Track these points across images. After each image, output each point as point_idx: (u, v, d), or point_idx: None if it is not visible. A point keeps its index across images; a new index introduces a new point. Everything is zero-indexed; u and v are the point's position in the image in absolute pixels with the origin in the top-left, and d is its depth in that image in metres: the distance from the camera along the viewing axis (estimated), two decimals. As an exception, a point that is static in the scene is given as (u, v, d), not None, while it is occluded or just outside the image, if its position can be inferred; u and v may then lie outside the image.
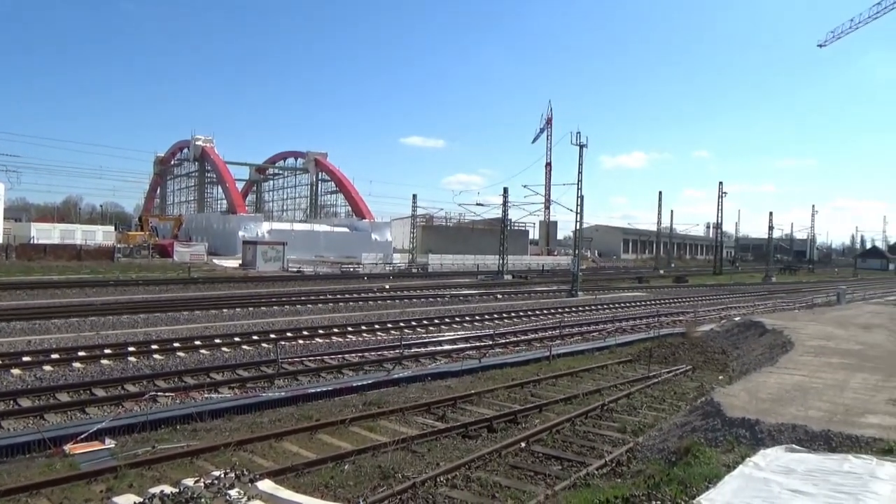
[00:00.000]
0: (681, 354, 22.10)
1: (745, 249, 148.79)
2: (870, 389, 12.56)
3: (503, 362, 20.14)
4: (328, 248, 73.68)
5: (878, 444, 8.79)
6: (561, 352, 22.06)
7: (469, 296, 41.38)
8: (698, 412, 11.61)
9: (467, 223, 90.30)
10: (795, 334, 20.51)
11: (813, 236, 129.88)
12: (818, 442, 9.13)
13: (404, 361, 19.64)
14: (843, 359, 16.25)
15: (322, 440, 12.13)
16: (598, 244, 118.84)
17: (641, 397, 16.01)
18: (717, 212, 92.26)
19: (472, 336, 24.92)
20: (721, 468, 8.25)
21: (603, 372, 19.35)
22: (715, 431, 10.32)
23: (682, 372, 19.16)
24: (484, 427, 13.26)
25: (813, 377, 13.73)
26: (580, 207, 48.95)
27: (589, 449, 11.93)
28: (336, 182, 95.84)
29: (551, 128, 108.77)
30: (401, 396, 15.66)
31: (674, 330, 27.88)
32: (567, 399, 15.52)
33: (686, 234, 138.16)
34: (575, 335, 26.26)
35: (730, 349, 22.72)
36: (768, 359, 17.31)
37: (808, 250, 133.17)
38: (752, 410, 10.61)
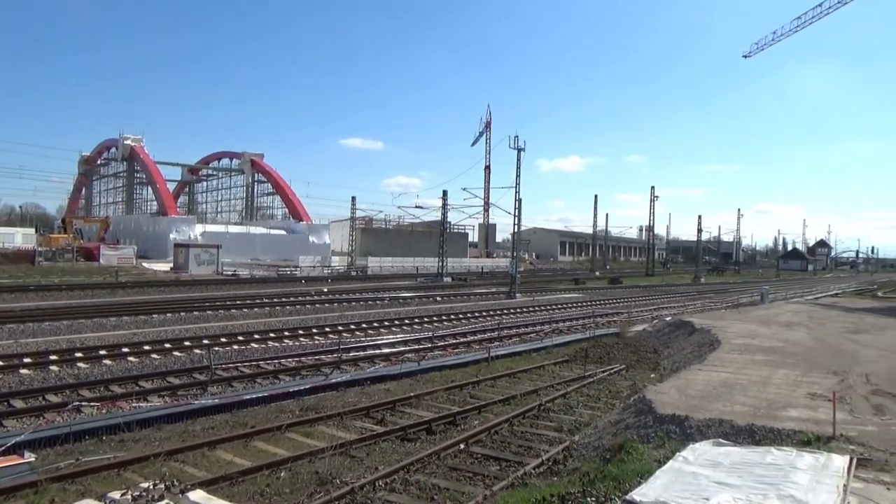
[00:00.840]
0: (615, 354, 22.66)
1: (676, 251, 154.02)
2: (790, 384, 13.19)
3: (442, 364, 20.17)
4: (264, 250, 72.23)
5: (798, 436, 9.25)
6: (500, 353, 22.27)
7: (409, 298, 41.30)
8: (631, 410, 11.94)
9: (407, 226, 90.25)
10: (722, 333, 21.35)
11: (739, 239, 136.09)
12: (743, 435, 9.53)
13: (343, 365, 19.41)
14: (767, 356, 17.01)
15: (257, 447, 11.85)
16: (536, 246, 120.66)
17: (577, 396, 16.32)
18: (650, 215, 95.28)
19: (412, 339, 24.87)
20: (653, 463, 8.49)
21: (540, 372, 19.63)
22: (647, 428, 10.63)
23: (617, 371, 19.63)
24: (423, 429, 13.24)
25: (738, 374, 14.32)
26: (518, 210, 49.67)
27: (527, 448, 12.07)
28: (273, 183, 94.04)
29: (490, 131, 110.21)
30: (339, 401, 15.47)
31: (608, 330, 28.57)
32: (505, 400, 15.67)
33: (620, 237, 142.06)
34: (513, 336, 26.56)
35: (661, 348, 23.44)
36: (697, 357, 17.95)
37: (734, 252, 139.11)
38: (682, 407, 10.98)
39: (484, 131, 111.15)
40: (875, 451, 8.46)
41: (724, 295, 54.75)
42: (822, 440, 8.98)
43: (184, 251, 58.18)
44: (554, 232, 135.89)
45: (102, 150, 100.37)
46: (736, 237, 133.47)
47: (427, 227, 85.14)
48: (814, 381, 13.39)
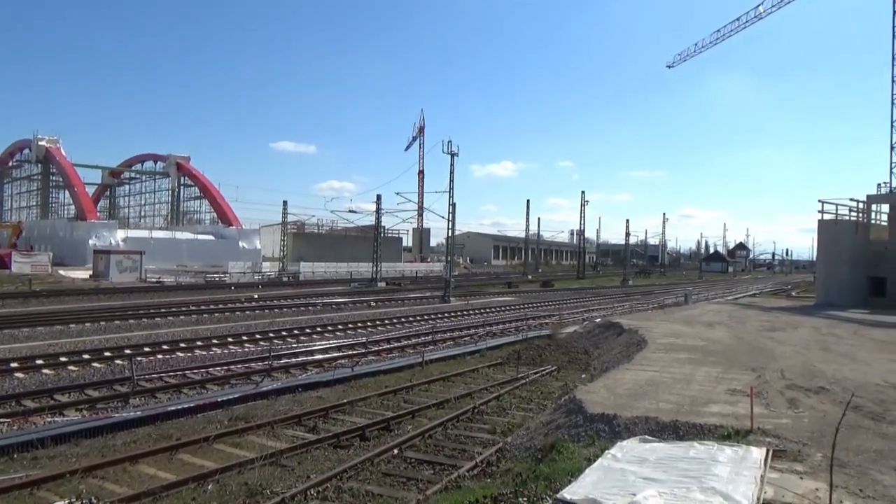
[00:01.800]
0: (547, 355, 23.04)
1: (605, 255, 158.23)
2: (712, 381, 13.72)
3: (376, 370, 20.01)
4: (192, 256, 69.91)
5: (719, 430, 9.62)
6: (434, 357, 22.27)
7: (342, 304, 40.83)
8: (562, 410, 12.15)
9: (340, 230, 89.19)
10: (649, 333, 22.03)
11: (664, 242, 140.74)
12: (668, 431, 9.84)
13: (274, 373, 18.98)
14: (690, 354, 17.66)
15: (183, 460, 11.43)
16: (470, 251, 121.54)
17: (510, 398, 16.49)
18: (580, 219, 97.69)
19: (345, 344, 24.58)
20: (583, 462, 8.65)
21: (474, 375, 19.75)
22: (578, 427, 10.84)
23: (549, 372, 19.97)
24: (356, 436, 13.10)
25: (664, 372, 14.80)
26: (452, 215, 49.96)
27: (460, 451, 12.11)
28: (200, 187, 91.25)
29: (424, 136, 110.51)
30: (270, 409, 15.11)
31: (541, 332, 29.03)
32: (439, 404, 15.69)
33: (552, 241, 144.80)
34: (448, 340, 26.63)
35: (591, 349, 23.99)
36: (625, 357, 18.45)
37: (660, 255, 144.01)
38: (611, 406, 11.25)
39: (417, 136, 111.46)
40: (789, 443, 8.89)
41: (650, 296, 56.59)
42: (742, 434, 9.37)
43: (104, 258, 55.66)
44: (487, 236, 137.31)
45: (14, 152, 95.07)
46: (662, 241, 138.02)
47: (361, 232, 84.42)
48: (734, 378, 13.98)
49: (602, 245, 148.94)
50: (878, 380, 14.10)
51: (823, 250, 39.48)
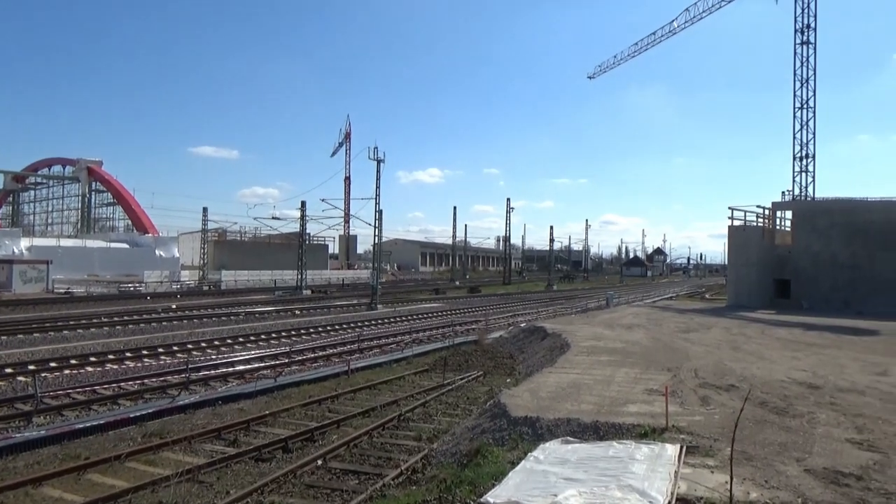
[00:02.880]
0: (473, 361, 23.21)
1: (530, 260, 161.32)
2: (631, 382, 14.16)
3: (301, 380, 19.59)
4: (104, 266, 66.51)
5: (637, 429, 9.92)
6: (360, 365, 22.04)
7: (265, 313, 39.81)
8: (487, 414, 12.24)
9: (263, 237, 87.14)
10: (572, 337, 22.52)
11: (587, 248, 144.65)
12: (589, 432, 10.07)
13: (192, 386, 18.26)
14: (611, 356, 18.16)
15: (92, 481, 10.82)
16: (398, 257, 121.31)
17: (437, 405, 16.50)
18: (506, 226, 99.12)
19: (268, 354, 23.97)
20: (507, 465, 8.72)
21: (401, 383, 19.65)
22: (502, 431, 10.94)
23: (475, 377, 20.11)
24: (279, 448, 12.78)
25: (585, 374, 15.16)
26: (379, 221, 49.67)
27: (386, 460, 12.00)
28: (113, 193, 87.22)
29: (350, 142, 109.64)
30: (187, 424, 14.53)
31: (467, 338, 29.22)
32: (365, 412, 15.52)
33: (479, 247, 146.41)
34: (374, 348, 26.40)
35: (517, 353, 24.33)
36: (549, 360, 18.80)
37: (583, 260, 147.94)
38: (534, 409, 11.42)
39: (344, 142, 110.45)
40: (701, 439, 9.26)
41: (574, 301, 58.01)
42: (658, 432, 9.69)
43: (6, 267, 52.18)
44: (415, 243, 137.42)
45: None
46: (585, 246, 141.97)
47: (285, 239, 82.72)
48: (651, 378, 14.47)
49: (527, 251, 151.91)
50: (782, 376, 14.92)
51: (733, 255, 41.60)
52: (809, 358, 18.20)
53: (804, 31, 47.31)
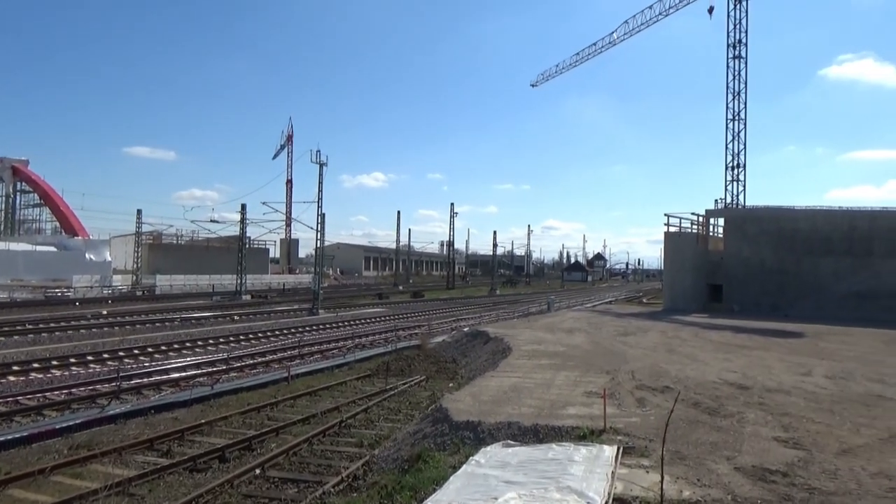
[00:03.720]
0: (416, 366, 23.16)
1: (474, 265, 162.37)
2: (571, 385, 14.37)
3: (238, 387, 19.12)
4: (30, 269, 63.35)
5: (576, 431, 10.07)
6: (301, 371, 21.69)
7: (202, 318, 38.72)
8: (429, 419, 12.21)
9: (201, 241, 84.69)
10: (514, 341, 22.73)
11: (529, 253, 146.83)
12: (530, 435, 10.16)
13: (123, 395, 17.59)
14: (551, 360, 18.40)
15: (13, 496, 10.28)
16: (341, 262, 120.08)
17: (379, 410, 16.38)
18: (450, 230, 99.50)
19: (205, 361, 23.32)
20: (448, 470, 8.70)
21: (342, 389, 19.42)
22: (444, 436, 10.92)
23: (417, 382, 20.05)
24: (215, 458, 12.44)
25: (526, 378, 15.31)
26: (321, 225, 49.11)
27: (326, 467, 11.84)
28: (40, 194, 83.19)
29: (292, 144, 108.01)
30: (117, 435, 13.99)
31: (410, 343, 29.14)
32: (305, 419, 15.28)
33: (423, 252, 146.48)
34: (315, 354, 26.03)
35: (459, 357, 24.40)
36: (491, 364, 18.92)
37: (525, 265, 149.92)
38: (476, 413, 11.45)
39: (286, 144, 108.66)
40: (637, 440, 9.47)
41: (516, 305, 58.66)
42: (596, 433, 9.86)
43: (-79, 272, 49.17)
44: (358, 247, 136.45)
45: None
46: (527, 251, 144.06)
47: (224, 243, 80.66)
48: (590, 381, 14.73)
49: (471, 256, 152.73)
50: (714, 377, 15.43)
51: (669, 260, 42.89)
52: (740, 359, 18.89)
53: (736, 46, 49.29)
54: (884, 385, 14.93)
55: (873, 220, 38.10)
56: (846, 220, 38.75)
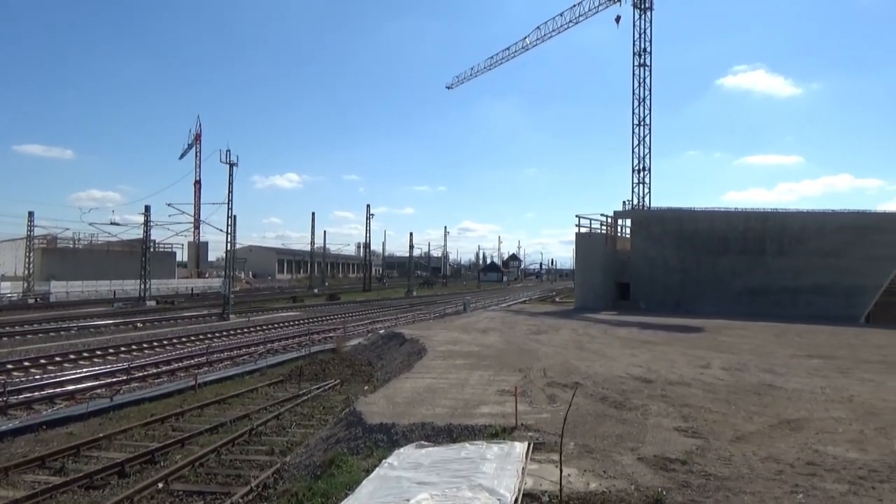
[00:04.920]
0: (331, 369, 22.78)
1: (391, 267, 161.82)
2: (484, 384, 14.53)
3: (141, 397, 18.19)
4: None
5: (489, 429, 10.17)
6: (209, 379, 20.89)
7: (102, 326, 36.61)
8: (343, 423, 12.03)
9: (101, 245, 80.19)
10: (429, 342, 22.78)
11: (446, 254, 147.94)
12: (443, 435, 10.18)
13: (11, 410, 16.39)
14: (466, 360, 18.55)
15: None
16: (253, 265, 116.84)
17: (291, 416, 16.00)
18: (366, 232, 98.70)
19: (104, 372, 22.06)
20: (361, 473, 8.59)
21: (253, 395, 18.85)
22: (357, 440, 10.78)
23: (332, 386, 19.74)
24: (114, 473, 11.76)
25: (441, 378, 15.35)
26: (232, 227, 47.57)
27: (235, 477, 11.44)
28: (-83, 195, 76.46)
29: (201, 144, 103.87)
30: (4, 453, 12.99)
31: (325, 346, 28.68)
32: (213, 428, 14.73)
33: (339, 254, 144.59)
34: (225, 360, 25.17)
35: (375, 360, 24.20)
36: (406, 366, 18.86)
37: (442, 266, 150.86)
38: (389, 415, 11.37)
39: (193, 143, 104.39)
40: (547, 435, 9.67)
41: (433, 306, 58.87)
42: (508, 431, 10.00)
43: None
44: (271, 250, 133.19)
45: None
46: (444, 253, 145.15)
47: (127, 247, 76.68)
48: (503, 379, 14.94)
49: (388, 257, 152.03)
50: (621, 372, 16.01)
51: (580, 260, 44.21)
52: (645, 355, 19.69)
53: (641, 54, 51.46)
54: (774, 375, 15.95)
55: (765, 221, 40.72)
56: (741, 220, 41.24)
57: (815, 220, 39.73)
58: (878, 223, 38.56)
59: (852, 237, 37.85)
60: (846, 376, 16.04)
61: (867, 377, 15.95)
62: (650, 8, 51.44)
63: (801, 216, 40.53)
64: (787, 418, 11.08)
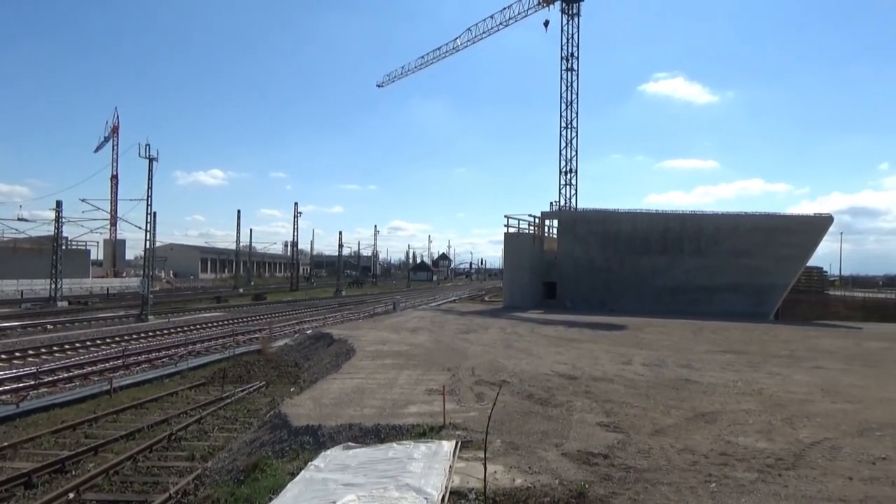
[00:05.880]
0: (256, 371, 22.25)
1: (319, 266, 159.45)
2: (413, 383, 14.50)
3: (51, 403, 17.25)
4: None
5: (416, 429, 10.16)
6: (125, 383, 20.04)
7: (7, 329, 34.39)
8: (267, 426, 11.76)
9: (7, 242, 75.41)
10: (358, 342, 22.56)
11: (376, 253, 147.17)
12: (371, 436, 10.09)
13: None
14: (395, 359, 18.47)
15: None
16: (175, 264, 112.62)
17: (213, 420, 15.52)
18: (294, 230, 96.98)
19: (9, 377, 20.76)
20: (286, 477, 8.42)
21: (173, 399, 18.17)
22: (282, 443, 10.55)
23: (257, 388, 19.28)
24: (20, 484, 11.07)
25: (369, 378, 15.23)
26: (151, 224, 45.66)
27: (153, 485, 11.00)
28: None
29: (118, 137, 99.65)
30: None
31: (250, 348, 28.00)
32: (130, 434, 14.12)
33: (266, 253, 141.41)
34: (143, 363, 24.15)
35: (302, 361, 23.79)
36: (334, 366, 18.62)
37: (372, 266, 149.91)
38: (316, 417, 11.19)
39: (111, 136, 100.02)
40: (475, 433, 9.73)
41: (362, 306, 58.40)
42: (436, 430, 10.01)
43: None
44: (194, 248, 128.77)
45: None
46: (373, 252, 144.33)
47: (36, 244, 72.27)
48: (432, 379, 14.96)
49: (316, 256, 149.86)
50: (547, 370, 16.32)
51: (508, 260, 44.90)
52: (570, 352, 20.16)
53: (569, 59, 52.75)
54: (691, 370, 16.65)
55: (683, 223, 42.49)
56: (661, 222, 42.89)
57: (729, 221, 41.76)
58: (786, 225, 40.93)
59: (763, 238, 40.02)
60: (756, 370, 16.91)
61: (775, 371, 16.87)
62: (577, 14, 52.82)
63: (717, 218, 42.52)
64: (702, 411, 11.57)
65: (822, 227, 41.22)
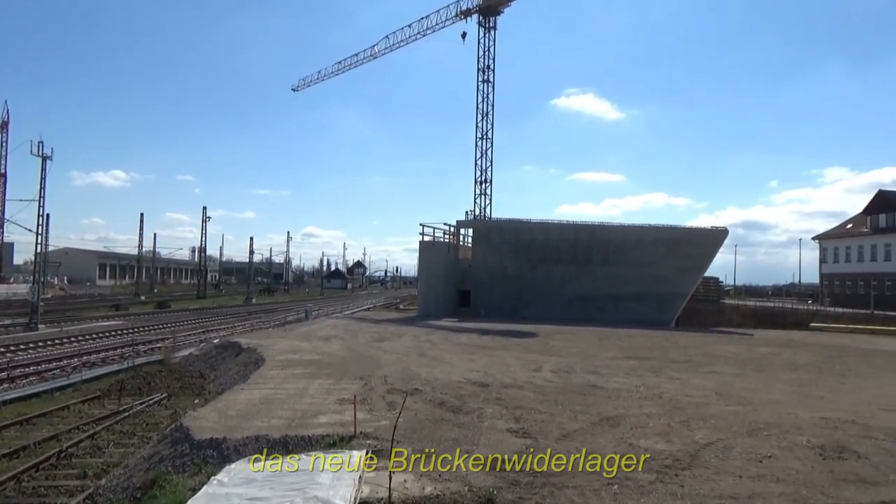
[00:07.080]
0: (157, 383, 21.25)
1: (229, 273, 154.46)
2: (324, 393, 14.24)
3: (-79, 421, 15.76)
4: None
5: (326, 439, 9.97)
6: (10, 397, 18.71)
7: None
8: (167, 440, 11.23)
9: None
10: (267, 351, 21.93)
11: (288, 260, 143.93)
12: (279, 448, 9.81)
13: None
14: (306, 369, 18.09)
15: None
16: (70, 269, 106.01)
17: (109, 435, 14.70)
18: (202, 236, 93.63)
19: None
20: (187, 493, 8.06)
21: (64, 414, 17.07)
22: (183, 457, 10.10)
23: (157, 401, 18.41)
24: None
25: (279, 389, 14.83)
26: (44, 227, 42.86)
27: (38, 507, 10.24)
28: None
29: (8, 133, 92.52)
30: None
31: (151, 358, 26.75)
32: (13, 452, 13.12)
33: (171, 258, 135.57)
34: (31, 375, 22.55)
35: (208, 371, 22.90)
36: (242, 376, 18.02)
37: (284, 273, 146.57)
38: (221, 429, 10.77)
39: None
40: (386, 442, 9.63)
41: (273, 314, 56.95)
42: (346, 440, 9.86)
43: None
44: (92, 253, 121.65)
45: None
46: (286, 258, 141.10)
47: None
48: (343, 388, 14.74)
49: (226, 263, 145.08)
50: (459, 377, 16.43)
51: (423, 268, 45.00)
52: (483, 360, 20.41)
53: (485, 71, 53.68)
54: (597, 376, 17.21)
55: (593, 234, 44.05)
56: (572, 232, 44.29)
57: (634, 233, 43.66)
58: (687, 237, 43.24)
59: (665, 249, 42.06)
60: (657, 375, 17.70)
61: (675, 375, 17.72)
62: (494, 28, 53.91)
63: (623, 229, 44.38)
64: (606, 415, 11.98)
65: (719, 239, 43.81)
